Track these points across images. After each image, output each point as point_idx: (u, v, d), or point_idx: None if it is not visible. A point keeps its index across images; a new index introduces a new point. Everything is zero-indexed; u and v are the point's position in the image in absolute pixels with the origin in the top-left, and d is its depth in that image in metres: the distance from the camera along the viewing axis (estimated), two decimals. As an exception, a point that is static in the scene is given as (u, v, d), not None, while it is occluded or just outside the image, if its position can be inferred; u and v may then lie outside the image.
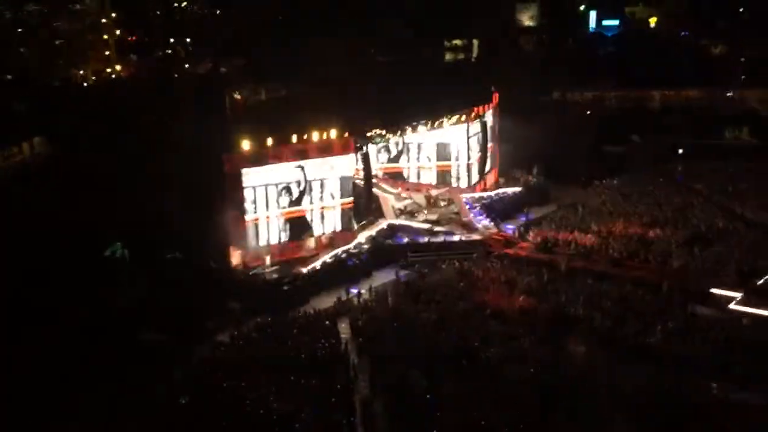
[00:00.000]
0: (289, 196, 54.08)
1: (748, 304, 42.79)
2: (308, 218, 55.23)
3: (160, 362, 38.02)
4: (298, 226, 54.96)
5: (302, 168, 53.95)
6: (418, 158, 68.38)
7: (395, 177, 68.42)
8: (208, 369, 37.87)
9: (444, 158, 67.81)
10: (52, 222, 53.58)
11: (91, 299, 43.90)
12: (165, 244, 51.72)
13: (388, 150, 68.19)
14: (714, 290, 44.54)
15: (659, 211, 59.25)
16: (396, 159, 68.67)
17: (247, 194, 52.07)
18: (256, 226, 52.93)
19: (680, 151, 76.75)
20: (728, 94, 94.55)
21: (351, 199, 56.95)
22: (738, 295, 43.92)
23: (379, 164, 67.69)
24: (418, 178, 68.51)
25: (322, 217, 55.81)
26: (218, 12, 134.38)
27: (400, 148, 68.13)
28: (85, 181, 60.59)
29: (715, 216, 57.29)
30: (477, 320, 41.78)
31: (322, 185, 55.27)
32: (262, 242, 53.26)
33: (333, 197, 55.91)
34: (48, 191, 59.94)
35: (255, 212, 52.69)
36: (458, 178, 67.72)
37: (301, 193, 54.45)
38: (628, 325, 40.12)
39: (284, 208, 54.00)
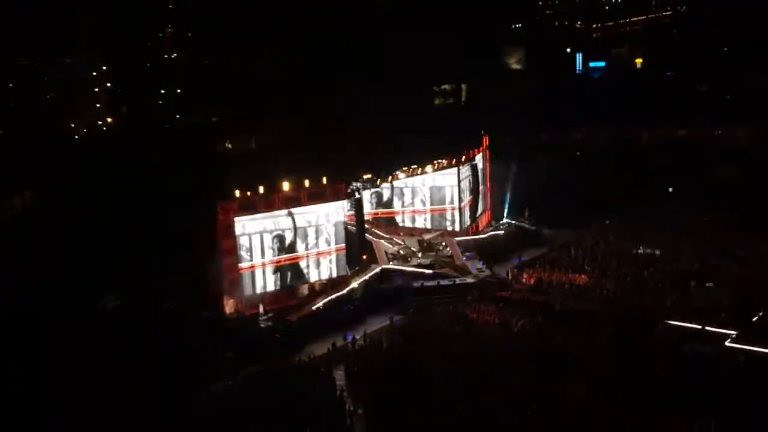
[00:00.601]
0: (282, 244, 54.13)
1: (744, 342, 42.73)
2: (303, 265, 55.24)
3: (155, 413, 37.64)
4: (292, 273, 54.97)
5: (292, 215, 54.06)
6: (412, 203, 68.30)
7: (389, 222, 68.25)
8: (202, 419, 37.54)
9: (438, 202, 67.84)
10: (46, 275, 53.48)
11: (84, 351, 43.62)
12: (159, 294, 51.54)
13: (380, 195, 68.12)
14: (709, 328, 44.48)
15: (651, 249, 59.32)
16: (389, 204, 68.64)
17: (240, 242, 52.16)
18: (250, 274, 52.90)
19: (670, 189, 77.18)
20: (716, 133, 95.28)
21: (344, 244, 57.01)
22: (733, 332, 43.88)
23: (372, 209, 67.69)
24: (413, 222, 68.38)
25: (317, 263, 55.85)
26: (207, 63, 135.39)
27: (391, 193, 68.06)
28: (79, 234, 60.53)
29: (707, 254, 57.40)
30: (472, 364, 41.56)
31: (316, 231, 55.39)
32: (256, 290, 53.18)
33: (328, 243, 55.99)
34: (41, 244, 59.83)
35: (249, 260, 52.70)
36: (452, 222, 67.76)
37: (294, 241, 54.53)
38: (624, 365, 39.98)
39: (277, 255, 54.00)
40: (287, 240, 54.43)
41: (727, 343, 43.17)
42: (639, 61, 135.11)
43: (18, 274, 54.21)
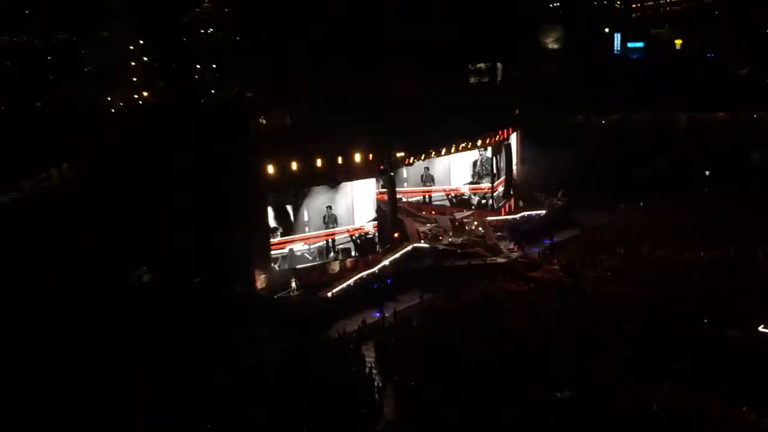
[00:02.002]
0: (316, 219, 54.48)
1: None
2: (335, 241, 55.49)
3: (186, 387, 37.99)
4: (325, 249, 55.23)
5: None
6: (447, 181, 67.96)
7: (422, 200, 68.06)
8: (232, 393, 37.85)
9: (471, 181, 67.55)
10: (79, 247, 54.05)
11: (114, 325, 44.13)
12: (191, 269, 51.96)
13: (413, 173, 67.77)
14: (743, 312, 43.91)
15: (687, 233, 58.71)
16: (423, 182, 68.36)
17: (274, 217, 52.53)
18: (283, 249, 53.24)
19: (707, 173, 76.29)
20: (754, 116, 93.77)
21: (376, 222, 57.11)
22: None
23: (405, 187, 67.50)
24: (447, 201, 68.06)
25: (349, 240, 56.05)
26: (240, 39, 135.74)
27: (424, 171, 67.80)
28: (112, 207, 61.09)
29: (743, 238, 56.64)
30: (502, 344, 41.51)
31: (348, 208, 55.54)
32: (288, 265, 53.49)
33: (360, 221, 56.17)
34: (75, 217, 60.46)
35: (282, 235, 53.04)
36: (485, 201, 67.50)
37: (327, 217, 54.78)
38: (655, 348, 39.71)
39: (311, 231, 54.32)
40: (321, 216, 54.70)
41: (761, 329, 42.69)
42: (678, 42, 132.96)
43: (53, 244, 54.85)
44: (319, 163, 54.07)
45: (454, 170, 67.36)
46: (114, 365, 39.45)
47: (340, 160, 54.93)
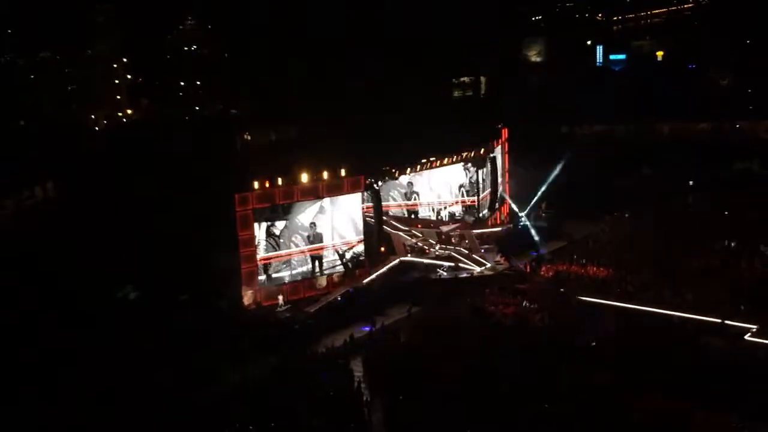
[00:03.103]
0: (304, 235, 54.48)
1: (764, 336, 42.39)
2: (322, 256, 55.48)
3: (172, 403, 37.78)
4: (312, 264, 55.24)
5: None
6: (431, 195, 67.96)
7: (408, 214, 67.99)
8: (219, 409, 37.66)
9: (457, 195, 67.69)
10: (64, 265, 53.82)
11: (102, 342, 43.89)
12: (177, 285, 51.79)
13: (399, 187, 67.75)
14: (728, 322, 44.11)
15: (671, 242, 58.96)
16: (408, 196, 68.39)
17: (260, 232, 52.45)
18: (270, 265, 53.17)
19: (690, 183, 76.70)
20: (737, 126, 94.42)
21: (362, 236, 57.11)
22: (754, 327, 43.48)
23: (391, 201, 67.45)
24: (432, 214, 68.06)
25: (336, 254, 56.03)
26: (227, 56, 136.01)
27: (410, 185, 67.83)
28: (97, 224, 60.89)
29: (728, 246, 56.97)
30: (490, 355, 41.53)
31: (334, 224, 55.55)
32: (275, 281, 53.41)
33: (346, 235, 56.16)
34: (60, 234, 60.23)
35: (269, 251, 52.97)
36: (471, 214, 67.63)
37: (315, 232, 54.83)
38: (639, 357, 39.85)
39: (299, 246, 54.31)
40: (308, 232, 54.69)
41: (746, 337, 42.87)
42: (660, 53, 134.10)
43: (35, 263, 54.62)
44: (304, 178, 54.11)
45: (439, 185, 67.39)
46: (100, 383, 39.18)
47: (325, 175, 54.97)
